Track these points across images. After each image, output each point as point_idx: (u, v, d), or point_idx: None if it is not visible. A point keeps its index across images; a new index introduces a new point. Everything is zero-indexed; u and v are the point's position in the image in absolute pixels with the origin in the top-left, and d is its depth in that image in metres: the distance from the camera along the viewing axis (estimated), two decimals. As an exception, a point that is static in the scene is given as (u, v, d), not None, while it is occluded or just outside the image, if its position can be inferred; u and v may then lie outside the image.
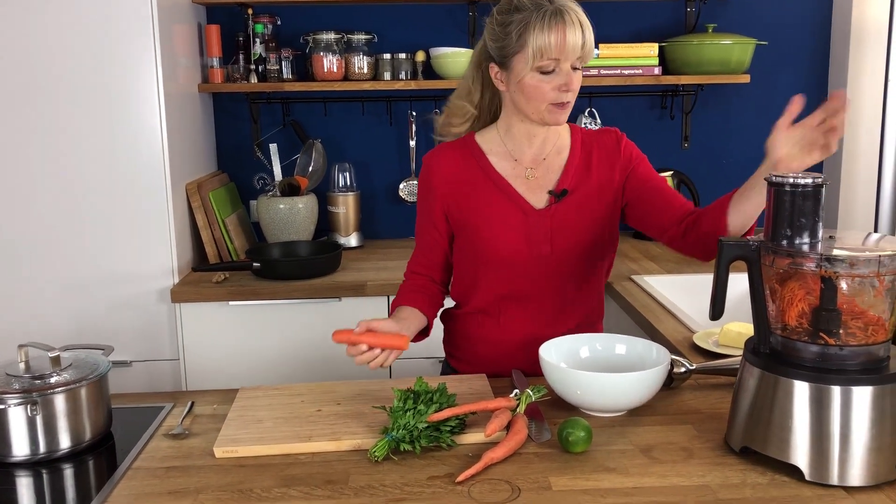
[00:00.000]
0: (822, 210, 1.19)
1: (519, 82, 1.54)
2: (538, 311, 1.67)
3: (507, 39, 1.53)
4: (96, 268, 2.49)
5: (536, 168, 1.65)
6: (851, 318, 1.16)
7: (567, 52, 1.49)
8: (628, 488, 1.17)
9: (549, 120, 1.57)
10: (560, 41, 1.48)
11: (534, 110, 1.57)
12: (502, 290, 1.67)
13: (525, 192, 1.64)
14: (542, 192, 1.65)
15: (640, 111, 3.13)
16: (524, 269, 1.64)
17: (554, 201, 1.63)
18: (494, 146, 1.67)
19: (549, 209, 1.64)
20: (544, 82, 1.52)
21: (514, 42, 1.51)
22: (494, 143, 1.67)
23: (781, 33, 3.07)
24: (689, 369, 1.52)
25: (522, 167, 1.65)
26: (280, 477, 1.23)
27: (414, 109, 3.07)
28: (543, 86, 1.52)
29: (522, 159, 1.66)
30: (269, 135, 3.06)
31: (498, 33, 1.55)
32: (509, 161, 1.66)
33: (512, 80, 1.56)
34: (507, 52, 1.54)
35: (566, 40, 1.48)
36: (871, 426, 1.14)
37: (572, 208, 1.64)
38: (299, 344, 2.51)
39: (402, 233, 3.17)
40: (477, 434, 1.32)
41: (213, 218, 2.69)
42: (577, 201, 1.64)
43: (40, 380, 1.32)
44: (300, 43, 2.96)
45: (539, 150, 1.66)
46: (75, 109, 2.41)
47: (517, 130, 1.64)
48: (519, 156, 1.66)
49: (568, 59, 1.50)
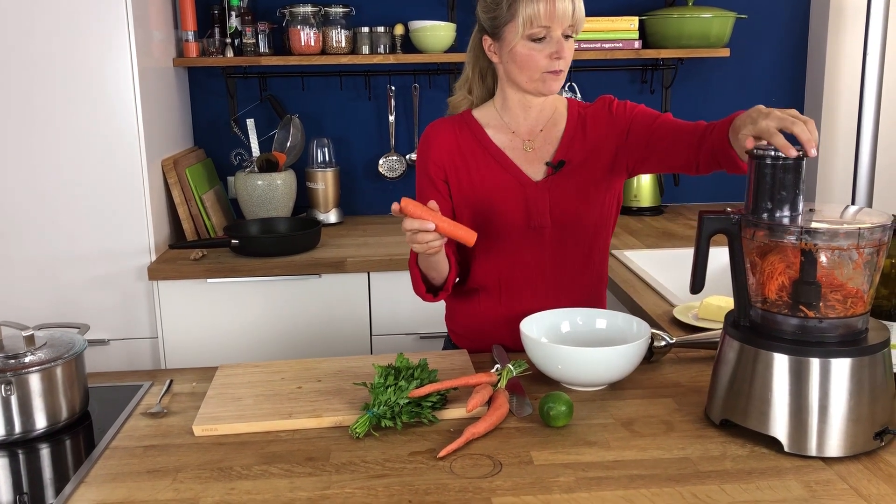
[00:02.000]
0: (802, 183, 1.19)
1: (511, 51, 1.55)
2: (540, 286, 1.67)
3: (498, 10, 1.54)
4: (71, 246, 2.45)
5: (534, 140, 1.65)
6: (831, 291, 1.17)
7: (557, 18, 1.50)
8: (609, 462, 1.17)
9: (543, 89, 1.57)
10: (550, 8, 1.49)
11: (527, 79, 1.57)
12: (503, 265, 1.66)
13: (523, 164, 1.64)
14: (539, 163, 1.64)
15: (620, 85, 3.12)
16: (524, 241, 1.64)
17: (551, 172, 1.63)
18: (491, 120, 1.67)
19: (546, 181, 1.63)
20: (535, 50, 1.53)
21: (504, 12, 1.53)
22: (491, 116, 1.67)
23: (761, 7, 3.06)
24: (669, 343, 1.53)
25: (520, 139, 1.65)
26: (261, 454, 1.22)
27: (393, 84, 3.04)
28: (535, 54, 1.53)
29: (519, 131, 1.65)
30: (245, 110, 3.02)
31: (489, 4, 1.57)
32: (507, 133, 1.66)
33: (504, 50, 1.57)
34: (498, 23, 1.55)
35: (556, 7, 1.49)
36: (850, 398, 1.15)
37: (571, 180, 1.63)
38: (279, 321, 2.50)
39: (382, 209, 3.15)
40: (458, 409, 1.32)
41: (189, 194, 2.66)
42: (576, 172, 1.63)
43: (14, 359, 1.30)
44: (276, 16, 2.91)
45: (535, 121, 1.65)
46: (47, 85, 2.36)
47: (512, 102, 1.64)
48: (515, 128, 1.66)
49: (559, 27, 1.51)
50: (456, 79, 3.02)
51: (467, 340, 1.75)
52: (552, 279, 1.67)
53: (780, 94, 3.13)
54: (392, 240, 2.70)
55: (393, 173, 3.10)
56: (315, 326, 2.51)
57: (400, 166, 3.09)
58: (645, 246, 2.52)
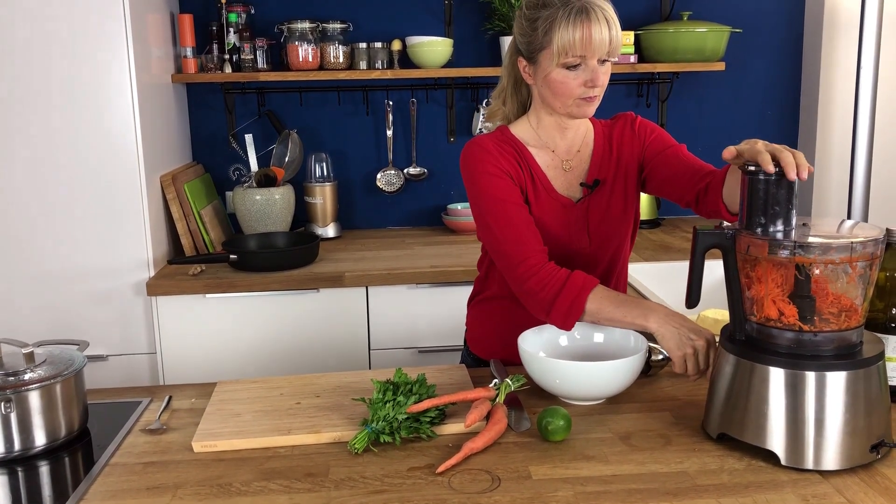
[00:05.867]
0: (795, 198, 1.20)
1: (545, 77, 1.54)
2: None
3: (533, 35, 1.53)
4: (70, 262, 2.46)
5: (571, 159, 1.65)
6: (825, 305, 1.17)
7: (593, 48, 1.48)
8: (607, 476, 1.18)
9: (577, 114, 1.56)
10: (585, 38, 1.47)
11: (560, 105, 1.56)
12: None
13: (562, 184, 1.64)
14: (576, 183, 1.65)
15: (616, 99, 3.13)
16: (562, 261, 1.61)
17: (587, 193, 1.63)
18: (531, 139, 1.65)
19: (584, 201, 1.64)
20: (570, 78, 1.51)
21: (540, 38, 1.51)
22: (529, 134, 1.66)
23: (756, 21, 3.09)
24: (666, 357, 1.53)
25: (559, 158, 1.65)
26: (260, 470, 1.23)
27: (391, 98, 3.06)
28: (569, 81, 1.52)
29: (558, 150, 1.65)
30: (244, 125, 3.03)
31: (525, 28, 1.55)
32: (547, 152, 1.65)
33: (539, 74, 1.55)
34: (533, 48, 1.54)
35: (592, 37, 1.47)
36: (846, 411, 1.16)
37: (604, 198, 1.64)
38: (277, 336, 2.50)
39: (380, 223, 3.16)
40: (457, 424, 1.33)
41: (188, 210, 2.67)
42: (609, 190, 1.64)
43: (14, 376, 1.31)
44: (275, 32, 2.93)
45: (572, 141, 1.65)
46: (47, 101, 2.37)
47: (547, 123, 1.63)
48: (554, 147, 1.65)
49: (594, 56, 1.49)
50: (453, 94, 3.07)
51: (488, 352, 1.74)
52: None
53: (775, 108, 3.15)
54: (390, 254, 2.70)
55: (391, 187, 3.11)
56: (313, 341, 2.52)
57: (398, 180, 3.10)
58: (642, 259, 2.53)
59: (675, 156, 1.62)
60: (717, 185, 1.48)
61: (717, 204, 1.48)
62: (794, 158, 1.19)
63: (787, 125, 3.17)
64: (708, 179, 1.53)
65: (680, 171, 1.59)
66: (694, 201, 1.56)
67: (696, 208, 1.57)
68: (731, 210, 1.46)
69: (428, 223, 3.16)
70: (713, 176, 1.52)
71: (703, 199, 1.53)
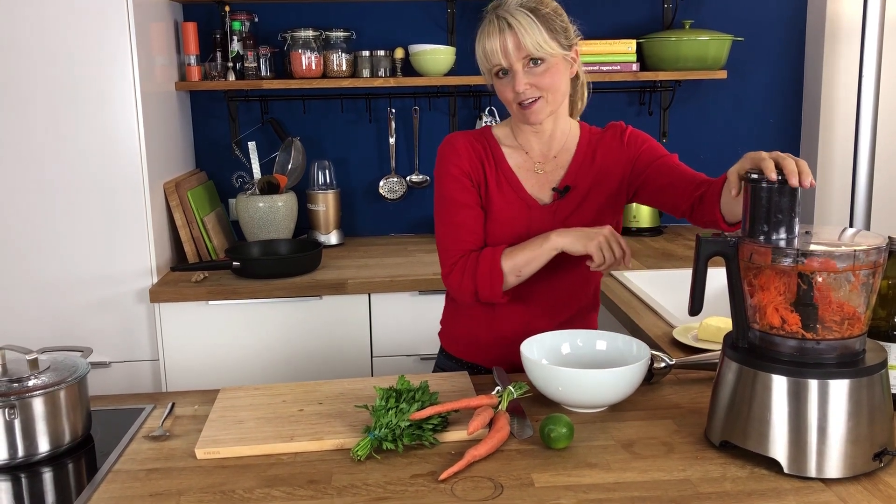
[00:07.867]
0: (798, 206, 1.21)
1: (492, 86, 1.61)
2: (533, 303, 1.69)
3: (476, 51, 1.60)
4: (74, 268, 2.46)
5: (546, 163, 1.68)
6: (828, 313, 1.18)
7: (507, 54, 1.53)
8: (610, 483, 1.18)
9: (522, 119, 1.61)
10: (495, 46, 1.54)
11: (511, 112, 1.62)
12: None
13: (532, 186, 1.67)
14: (548, 187, 1.67)
15: (618, 107, 3.14)
16: None
17: (557, 197, 1.66)
18: (508, 139, 1.70)
19: (552, 205, 1.66)
20: (503, 85, 1.58)
21: (477, 53, 1.59)
22: (508, 136, 1.71)
23: (757, 29, 3.10)
24: (669, 364, 1.53)
25: (532, 161, 1.68)
26: (262, 477, 1.23)
27: (393, 106, 3.06)
28: (503, 89, 1.58)
29: (532, 153, 1.68)
30: (247, 133, 3.04)
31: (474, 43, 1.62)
32: (521, 154, 1.69)
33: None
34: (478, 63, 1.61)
35: (501, 44, 1.53)
36: (848, 419, 1.16)
37: (576, 205, 1.66)
38: (280, 343, 2.50)
39: (383, 230, 3.17)
40: (459, 432, 1.33)
41: (191, 217, 2.67)
42: (581, 198, 1.66)
43: (18, 383, 1.31)
44: (278, 40, 2.94)
45: (548, 145, 1.68)
46: (51, 108, 2.38)
47: (522, 126, 1.67)
48: (529, 149, 1.69)
49: (515, 62, 1.53)
50: (456, 102, 3.08)
51: (461, 350, 1.78)
52: (546, 297, 1.69)
53: (777, 116, 3.15)
54: (392, 261, 2.71)
55: (393, 195, 3.11)
56: (316, 348, 2.52)
57: (400, 188, 3.11)
58: (644, 267, 2.53)
59: (668, 165, 1.64)
60: (713, 195, 1.49)
61: (713, 213, 1.50)
62: (797, 166, 1.19)
63: (789, 133, 3.17)
64: (703, 189, 1.54)
65: (674, 181, 1.60)
66: (689, 210, 1.57)
67: (691, 217, 1.58)
68: (728, 220, 1.47)
69: (430, 231, 3.17)
70: (708, 185, 1.53)
71: (699, 208, 1.54)
